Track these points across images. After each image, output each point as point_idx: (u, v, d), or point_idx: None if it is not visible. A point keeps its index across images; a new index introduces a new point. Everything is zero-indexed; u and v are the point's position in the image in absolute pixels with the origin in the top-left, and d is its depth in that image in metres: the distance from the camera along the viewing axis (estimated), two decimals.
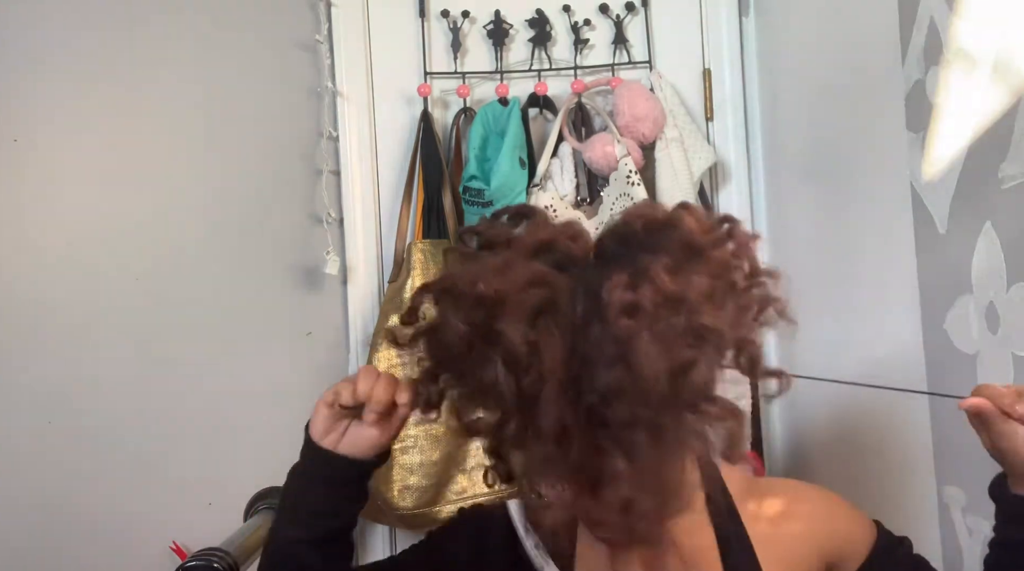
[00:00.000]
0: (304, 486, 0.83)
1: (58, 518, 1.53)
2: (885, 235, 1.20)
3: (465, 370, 0.71)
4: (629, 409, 0.62)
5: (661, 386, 0.61)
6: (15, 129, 1.55)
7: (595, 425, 0.64)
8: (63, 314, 1.55)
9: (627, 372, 0.62)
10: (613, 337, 0.62)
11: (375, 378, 0.81)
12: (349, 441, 0.82)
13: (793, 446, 1.64)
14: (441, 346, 0.74)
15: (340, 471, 0.82)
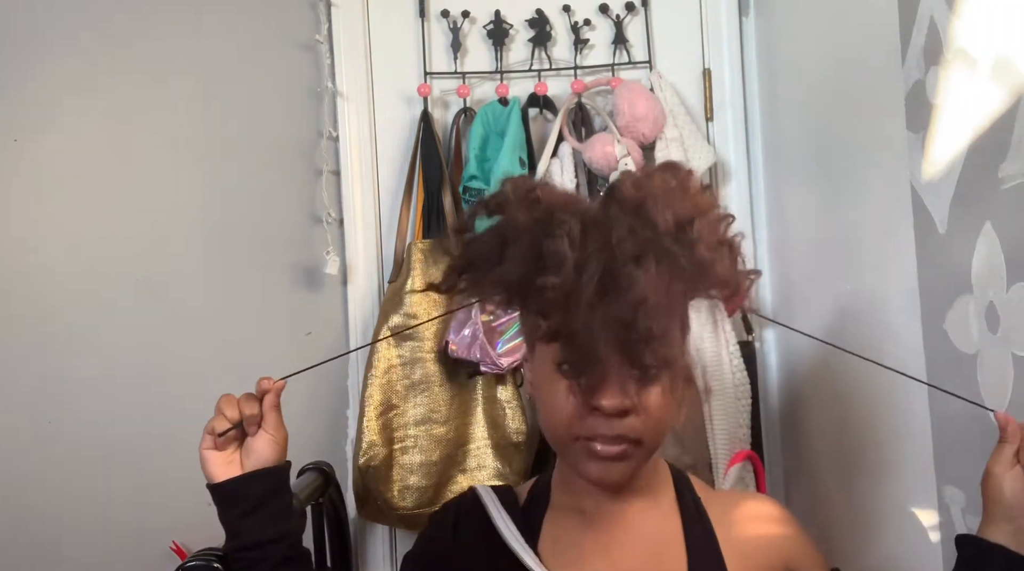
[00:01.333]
0: (239, 529, 0.86)
1: (58, 518, 1.53)
2: (885, 235, 1.20)
3: (516, 254, 0.79)
4: (644, 244, 0.75)
5: (669, 226, 0.76)
6: (15, 129, 1.56)
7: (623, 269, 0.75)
8: (63, 314, 1.55)
9: (644, 223, 0.76)
10: (631, 206, 0.77)
11: (232, 398, 0.88)
12: (251, 461, 0.87)
13: (793, 447, 1.64)
14: (491, 242, 0.82)
15: (262, 488, 0.87)
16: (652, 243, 0.76)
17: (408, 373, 1.57)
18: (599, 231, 0.76)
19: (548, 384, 0.84)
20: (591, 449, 0.83)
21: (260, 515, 0.86)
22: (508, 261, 0.79)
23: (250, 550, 0.86)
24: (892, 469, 1.22)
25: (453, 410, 1.57)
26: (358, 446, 1.54)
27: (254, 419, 0.87)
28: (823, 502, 1.50)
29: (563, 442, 0.86)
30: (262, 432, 0.88)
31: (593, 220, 0.78)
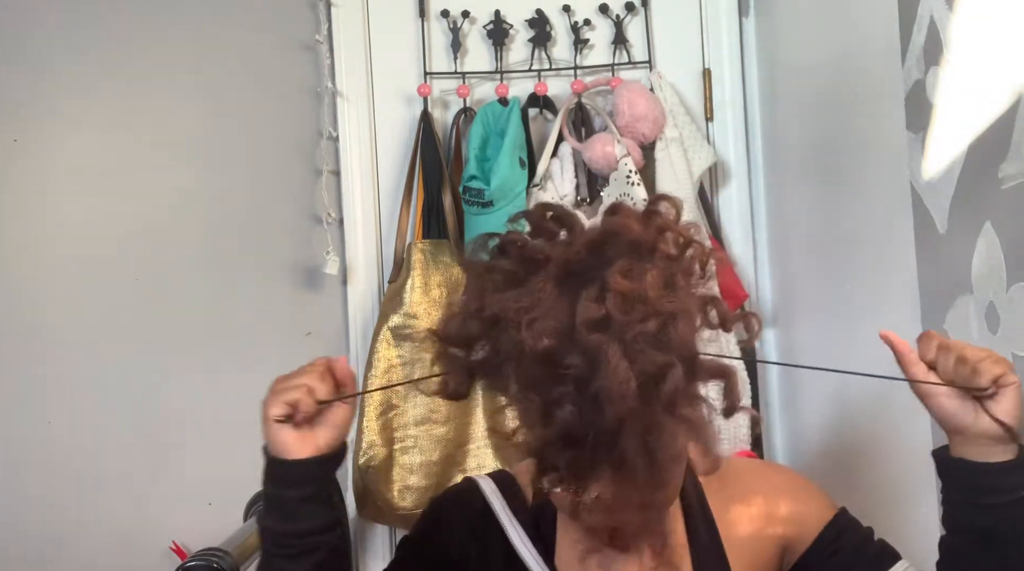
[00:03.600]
0: (298, 512, 0.77)
1: (58, 518, 1.53)
2: (885, 235, 1.20)
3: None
4: (614, 413, 0.64)
5: (632, 394, 0.64)
6: (15, 129, 1.56)
7: (595, 429, 0.66)
8: (63, 314, 1.56)
9: (605, 382, 0.64)
10: (585, 351, 0.66)
11: (322, 367, 0.80)
12: (328, 435, 0.78)
13: (793, 448, 1.64)
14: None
15: (328, 470, 0.79)
16: (623, 418, 0.65)
17: (408, 373, 1.57)
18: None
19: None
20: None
21: (322, 499, 0.78)
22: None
23: (305, 537, 0.77)
24: (892, 469, 1.22)
25: (453, 410, 1.57)
26: (358, 446, 1.54)
27: (344, 378, 0.79)
28: None
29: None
30: (342, 405, 0.80)
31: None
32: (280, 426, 0.75)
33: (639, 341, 0.65)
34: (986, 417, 0.74)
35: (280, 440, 0.75)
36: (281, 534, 0.77)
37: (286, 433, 0.75)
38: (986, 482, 0.75)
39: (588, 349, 0.65)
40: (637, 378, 0.64)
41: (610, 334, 0.65)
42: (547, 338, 0.66)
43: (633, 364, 0.64)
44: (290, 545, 0.77)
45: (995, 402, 0.74)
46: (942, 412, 0.77)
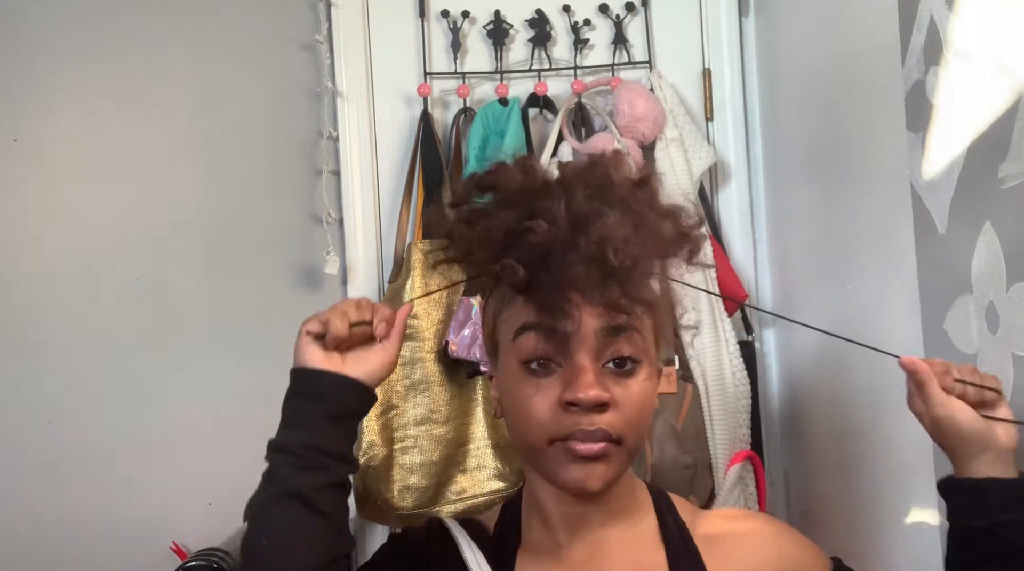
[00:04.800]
0: (320, 428, 0.76)
1: (58, 518, 1.53)
2: (885, 235, 1.20)
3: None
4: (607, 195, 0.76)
5: (627, 182, 0.77)
6: (15, 129, 1.56)
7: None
8: (63, 314, 1.55)
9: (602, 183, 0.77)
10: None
11: (364, 301, 0.82)
12: (356, 368, 0.79)
13: (792, 447, 1.64)
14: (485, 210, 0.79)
15: (356, 402, 0.79)
16: (613, 194, 0.76)
17: (408, 373, 1.57)
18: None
19: (516, 388, 0.79)
20: (570, 450, 0.76)
21: (342, 428, 0.77)
22: (496, 219, 0.76)
23: (323, 453, 0.75)
24: (892, 469, 1.22)
25: (453, 410, 1.57)
26: (358, 446, 1.54)
27: (388, 319, 0.80)
28: (823, 502, 1.50)
29: (536, 449, 0.79)
30: (381, 346, 0.81)
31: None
32: (310, 339, 0.78)
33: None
34: (997, 429, 0.76)
35: (306, 353, 0.78)
36: (297, 444, 0.75)
37: (313, 349, 0.78)
38: (1000, 497, 0.76)
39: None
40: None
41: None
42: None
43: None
44: (304, 456, 0.75)
45: (995, 410, 0.77)
46: (960, 431, 0.77)
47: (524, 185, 0.77)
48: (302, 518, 0.74)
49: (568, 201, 0.75)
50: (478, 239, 0.77)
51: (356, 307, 0.80)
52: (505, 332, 0.81)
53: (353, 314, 0.80)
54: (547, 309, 0.75)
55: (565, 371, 0.77)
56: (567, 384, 0.76)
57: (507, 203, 0.77)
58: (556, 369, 0.78)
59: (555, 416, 0.77)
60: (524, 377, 0.79)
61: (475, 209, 0.79)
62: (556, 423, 0.76)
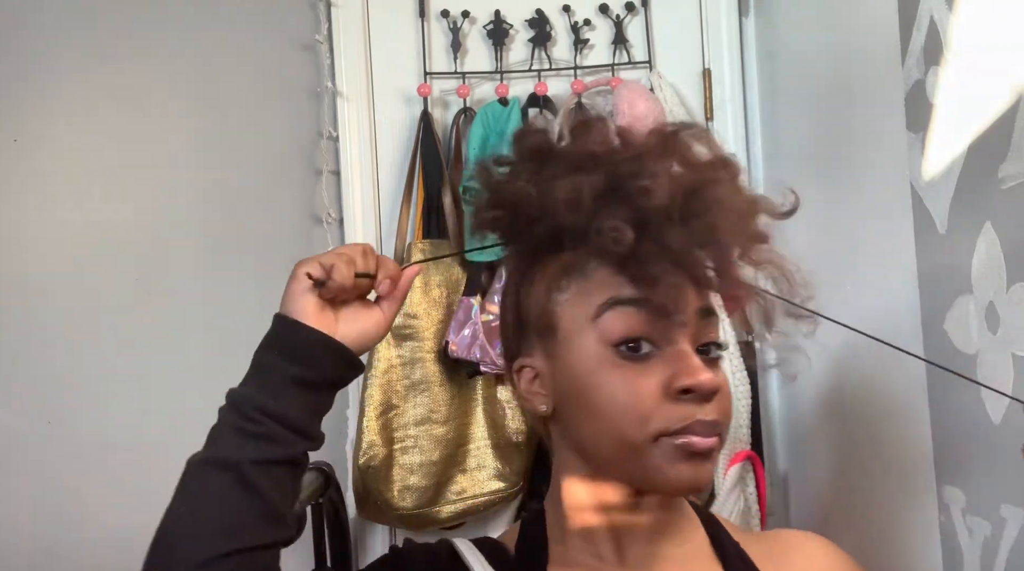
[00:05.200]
0: (285, 393, 0.66)
1: (58, 518, 1.53)
2: (885, 235, 1.20)
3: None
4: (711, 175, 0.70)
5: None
6: (15, 129, 1.56)
7: None
8: (63, 314, 1.55)
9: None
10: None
11: (369, 249, 0.72)
12: (349, 329, 0.69)
13: (793, 447, 1.64)
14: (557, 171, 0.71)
15: (337, 369, 0.69)
16: (715, 167, 0.70)
17: (408, 373, 1.57)
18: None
19: (604, 374, 0.68)
20: (683, 446, 0.66)
21: (314, 397, 0.67)
22: (584, 179, 0.67)
23: (281, 422, 0.65)
24: (892, 469, 1.22)
25: (453, 410, 1.57)
26: (358, 446, 1.54)
27: (394, 276, 0.71)
28: (823, 502, 1.50)
29: (635, 446, 0.67)
30: (379, 307, 0.72)
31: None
32: (307, 285, 0.68)
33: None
34: None
35: (299, 301, 0.68)
36: (252, 404, 0.66)
37: (309, 298, 0.68)
38: None
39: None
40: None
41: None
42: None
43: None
44: (256, 420, 0.65)
45: None
46: None
47: (611, 146, 0.70)
48: (231, 494, 0.64)
49: (669, 169, 0.68)
50: (564, 201, 0.67)
51: (362, 254, 0.70)
52: (576, 309, 0.70)
53: (360, 262, 0.69)
54: (652, 282, 0.65)
55: (666, 355, 0.68)
56: (674, 369, 0.67)
57: (590, 163, 0.69)
58: (653, 353, 0.68)
59: (663, 407, 0.67)
60: (615, 361, 0.68)
61: (544, 171, 0.70)
62: (666, 414, 0.67)
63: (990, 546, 0.96)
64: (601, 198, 0.67)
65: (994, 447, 0.94)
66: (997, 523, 0.94)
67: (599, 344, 0.68)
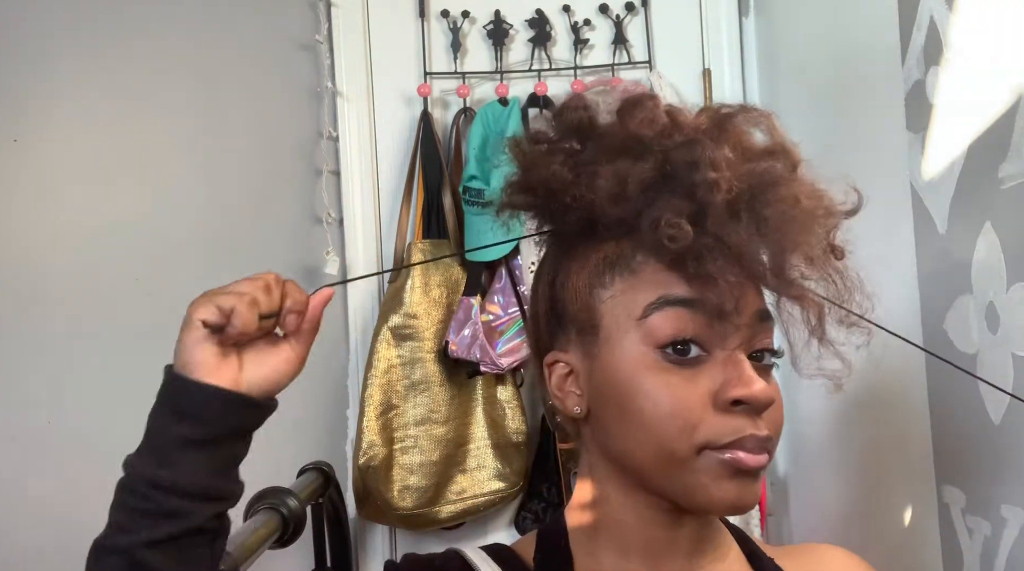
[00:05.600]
0: (178, 459, 0.58)
1: (57, 518, 1.53)
2: (885, 235, 1.20)
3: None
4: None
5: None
6: (15, 129, 1.55)
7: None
8: (63, 314, 1.55)
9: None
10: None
11: (272, 279, 0.64)
12: (256, 374, 0.61)
13: (793, 447, 1.64)
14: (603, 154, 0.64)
15: (242, 421, 0.60)
16: (781, 159, 0.64)
17: (408, 373, 1.57)
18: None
19: (648, 378, 0.62)
20: (730, 462, 0.61)
21: (215, 452, 0.59)
22: (630, 167, 0.61)
23: (170, 494, 0.58)
24: (892, 469, 1.22)
25: (453, 410, 1.57)
26: (358, 446, 1.54)
27: (300, 309, 0.63)
28: (823, 503, 1.50)
29: (678, 458, 0.62)
30: (288, 343, 0.63)
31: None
32: (203, 334, 0.60)
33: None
34: None
35: (195, 353, 0.60)
36: (142, 478, 0.59)
37: (206, 347, 0.60)
38: None
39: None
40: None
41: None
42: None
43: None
44: (148, 496, 0.58)
45: None
46: None
47: (661, 129, 0.63)
48: None
49: (728, 158, 0.61)
50: (608, 191, 0.62)
51: (266, 290, 0.61)
52: (621, 308, 0.64)
53: (263, 302, 0.61)
54: (708, 281, 0.60)
55: (717, 361, 0.62)
56: (726, 377, 0.61)
57: (638, 148, 0.62)
58: (703, 358, 0.62)
59: (711, 418, 0.61)
60: (661, 365, 0.62)
61: (585, 153, 0.64)
62: (714, 426, 0.61)
63: (990, 546, 0.96)
64: (651, 189, 0.61)
65: (994, 447, 0.94)
66: (997, 523, 0.94)
67: (644, 345, 0.63)
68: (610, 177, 0.61)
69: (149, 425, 0.61)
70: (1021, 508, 0.90)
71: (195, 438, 0.58)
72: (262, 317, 0.60)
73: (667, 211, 0.60)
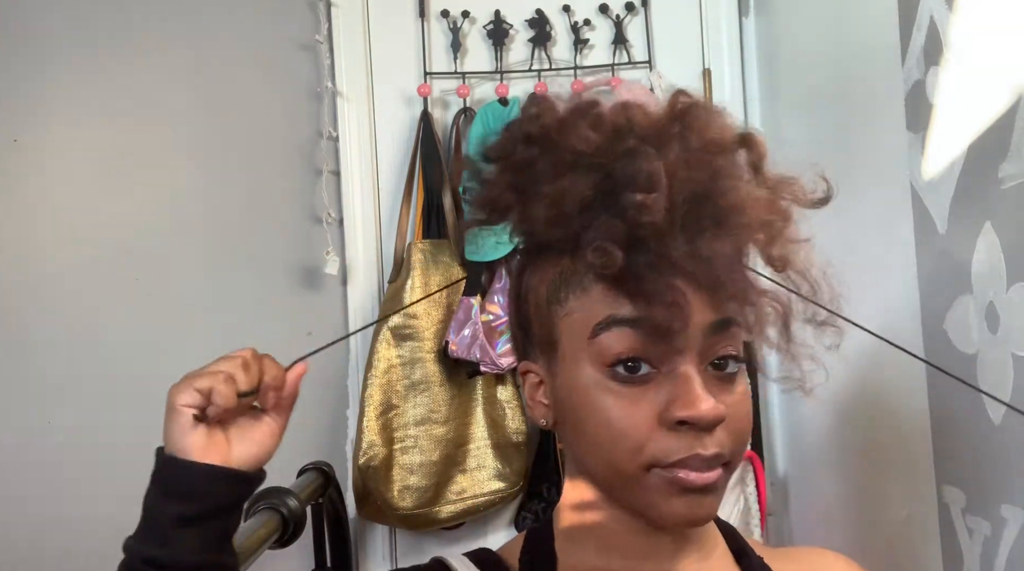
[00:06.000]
0: (172, 536, 0.60)
1: (58, 518, 1.53)
2: (885, 235, 1.20)
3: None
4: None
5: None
6: (15, 129, 1.56)
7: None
8: (63, 314, 1.55)
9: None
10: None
11: (250, 357, 0.65)
12: (243, 450, 0.63)
13: (793, 447, 1.64)
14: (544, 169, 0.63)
15: (233, 495, 0.62)
16: (719, 163, 0.61)
17: (408, 373, 1.57)
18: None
19: (597, 398, 0.63)
20: (677, 481, 0.61)
21: (208, 527, 0.61)
22: (568, 185, 0.60)
23: (171, 569, 0.60)
24: (892, 469, 1.22)
25: (453, 410, 1.57)
26: (358, 446, 1.54)
27: (278, 384, 0.64)
28: (823, 502, 1.50)
29: (627, 476, 0.63)
30: (268, 417, 0.65)
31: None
32: (189, 421, 0.61)
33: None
34: None
35: (185, 438, 0.60)
36: (140, 557, 0.61)
37: (193, 432, 0.61)
38: None
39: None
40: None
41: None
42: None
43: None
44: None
45: None
46: None
47: (600, 142, 0.61)
48: None
49: (670, 167, 0.59)
50: (546, 216, 0.61)
51: (244, 368, 0.63)
52: (574, 327, 0.64)
53: (242, 379, 0.62)
54: (651, 300, 0.59)
55: (666, 378, 0.62)
56: (672, 395, 0.61)
57: (575, 162, 0.61)
58: (652, 375, 0.62)
59: (657, 436, 0.61)
60: (608, 385, 0.62)
61: (529, 171, 0.63)
62: (660, 446, 0.61)
63: (990, 546, 0.96)
64: (590, 209, 0.60)
65: (994, 447, 0.94)
66: (997, 523, 0.94)
67: (595, 364, 0.63)
68: (548, 198, 0.61)
69: (144, 507, 0.62)
70: (1021, 508, 0.90)
71: (189, 515, 0.60)
72: (241, 394, 0.62)
73: (601, 233, 0.59)
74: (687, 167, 0.60)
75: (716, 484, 0.62)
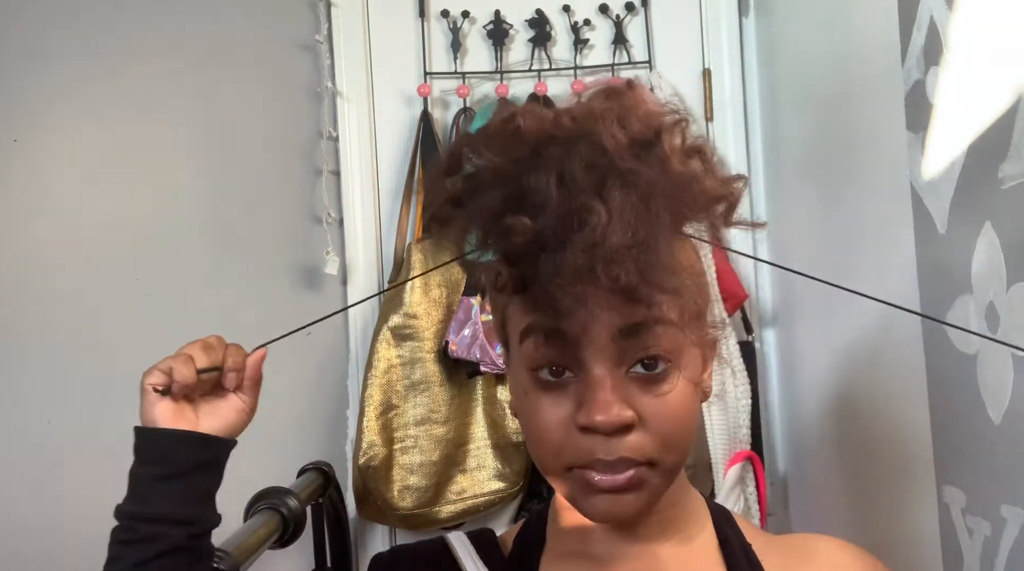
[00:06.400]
0: (148, 493, 0.70)
1: (58, 518, 1.53)
2: (885, 235, 1.20)
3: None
4: (601, 172, 0.59)
5: (623, 146, 0.60)
6: (15, 129, 1.56)
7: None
8: (63, 314, 1.55)
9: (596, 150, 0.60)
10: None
11: (214, 342, 0.73)
12: (210, 422, 0.72)
13: (793, 446, 1.64)
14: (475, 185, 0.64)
15: (200, 456, 0.71)
16: (609, 169, 0.59)
17: (408, 373, 1.57)
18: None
19: (525, 400, 0.66)
20: (589, 481, 0.64)
21: (180, 484, 0.70)
22: (480, 204, 0.62)
23: (147, 522, 0.69)
24: (892, 469, 1.22)
25: (453, 410, 1.57)
26: (358, 446, 1.54)
27: (239, 367, 0.73)
28: (822, 503, 1.50)
29: (553, 474, 0.66)
30: (234, 396, 0.74)
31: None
32: (155, 397, 0.69)
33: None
34: None
35: (154, 412, 0.70)
36: (126, 515, 0.70)
37: (159, 404, 0.70)
38: None
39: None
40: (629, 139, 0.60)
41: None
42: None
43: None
44: (131, 528, 0.69)
45: None
46: None
47: (514, 153, 0.61)
48: None
49: (560, 178, 0.59)
50: (460, 230, 0.65)
51: (204, 349, 0.71)
52: (512, 332, 0.68)
53: (201, 358, 0.70)
54: (551, 309, 0.60)
55: (581, 383, 0.63)
56: (581, 400, 0.63)
57: (495, 176, 0.62)
58: (570, 380, 0.64)
59: (571, 439, 0.63)
60: (533, 388, 0.65)
61: (465, 184, 0.64)
62: (572, 448, 0.63)
63: (990, 546, 0.96)
64: (491, 225, 0.61)
65: (994, 447, 0.94)
66: (997, 523, 0.94)
67: (525, 369, 0.65)
68: (467, 214, 0.64)
69: (129, 476, 0.73)
70: (1021, 508, 0.90)
71: (163, 474, 0.70)
72: (201, 371, 0.70)
73: (500, 245, 0.61)
74: (582, 180, 0.58)
75: (632, 483, 0.63)
